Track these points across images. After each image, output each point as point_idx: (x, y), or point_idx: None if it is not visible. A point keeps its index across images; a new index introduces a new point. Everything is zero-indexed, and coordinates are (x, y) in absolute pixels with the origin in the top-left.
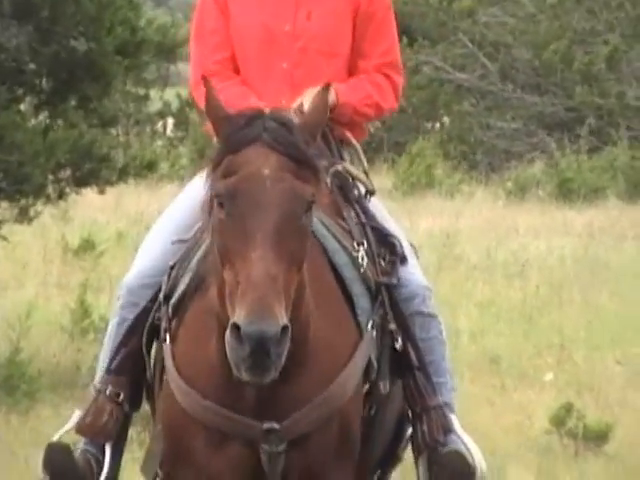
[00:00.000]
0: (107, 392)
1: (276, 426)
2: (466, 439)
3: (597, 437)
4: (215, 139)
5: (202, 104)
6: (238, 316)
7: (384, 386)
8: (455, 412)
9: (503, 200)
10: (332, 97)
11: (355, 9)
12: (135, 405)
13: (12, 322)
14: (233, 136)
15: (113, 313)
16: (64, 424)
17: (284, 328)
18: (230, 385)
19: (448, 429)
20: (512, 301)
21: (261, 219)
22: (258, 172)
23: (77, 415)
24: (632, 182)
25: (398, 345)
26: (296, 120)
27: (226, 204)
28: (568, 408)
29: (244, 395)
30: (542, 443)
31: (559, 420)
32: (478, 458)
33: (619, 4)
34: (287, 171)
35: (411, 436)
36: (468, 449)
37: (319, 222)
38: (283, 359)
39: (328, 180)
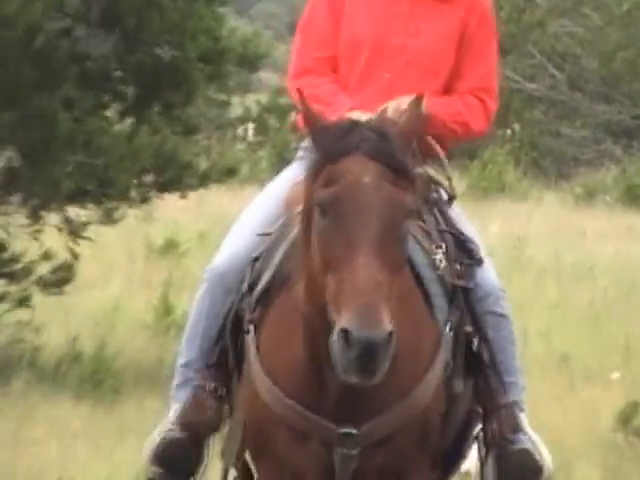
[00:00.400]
0: (207, 388)
1: (354, 431)
2: (535, 438)
3: None
4: (306, 138)
5: (294, 96)
6: (347, 322)
7: (458, 385)
8: (524, 411)
9: (571, 205)
10: (424, 108)
11: (462, 31)
12: None
13: (98, 319)
14: (332, 146)
15: (199, 297)
16: (148, 417)
17: (390, 334)
18: (313, 386)
19: (518, 427)
20: (580, 303)
21: (364, 227)
22: (359, 181)
23: (176, 410)
24: None
25: (475, 346)
26: (392, 130)
27: (329, 212)
28: (634, 406)
29: (326, 397)
30: (608, 440)
31: (625, 418)
32: (546, 456)
33: None
34: (386, 180)
35: (479, 434)
36: (536, 448)
37: None
38: (388, 363)
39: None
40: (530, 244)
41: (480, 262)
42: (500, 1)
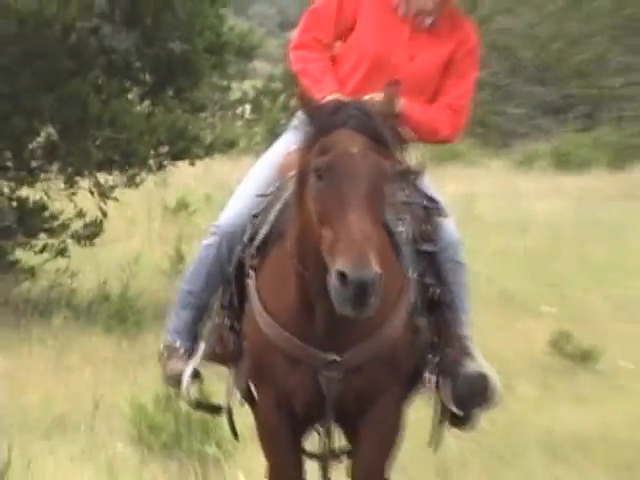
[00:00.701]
0: (225, 324)
1: (337, 358)
2: (483, 362)
3: (588, 357)
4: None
5: (293, 66)
6: (343, 265)
7: (421, 321)
8: (473, 343)
9: (513, 170)
10: (400, 104)
11: (450, 59)
12: None
13: (123, 267)
14: (324, 122)
15: (206, 245)
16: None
17: (379, 274)
18: (303, 321)
19: (470, 354)
20: (519, 249)
21: (355, 188)
22: (348, 150)
23: (201, 348)
24: (615, 154)
25: (435, 295)
26: (373, 109)
27: (324, 176)
28: (565, 334)
29: (314, 330)
30: (543, 362)
31: (557, 344)
32: (493, 377)
33: (604, 12)
34: (370, 149)
35: (437, 363)
36: (485, 370)
37: None
38: (378, 299)
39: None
40: (479, 202)
41: (445, 215)
42: None
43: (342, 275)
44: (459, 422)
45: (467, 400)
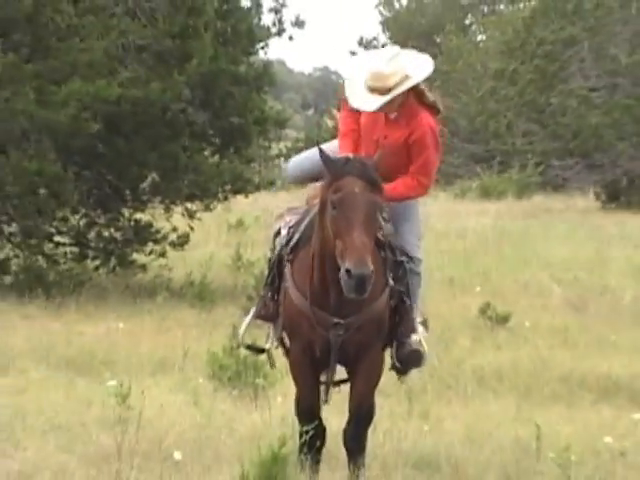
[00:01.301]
0: (269, 295)
1: (342, 321)
2: (422, 335)
3: (503, 319)
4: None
5: (340, 143)
6: (349, 265)
7: (393, 302)
8: (419, 322)
9: (454, 199)
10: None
11: (410, 140)
12: None
13: (202, 263)
14: (338, 171)
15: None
16: (230, 317)
17: (372, 271)
18: (322, 297)
19: (415, 330)
20: (459, 250)
21: (357, 215)
22: (353, 191)
23: (253, 309)
24: (519, 188)
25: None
26: (369, 163)
27: (337, 207)
28: (488, 305)
29: (328, 302)
30: (474, 323)
31: (484, 311)
32: (425, 351)
33: (512, 96)
34: (367, 190)
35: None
36: (422, 343)
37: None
38: (370, 286)
39: None
40: (433, 218)
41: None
42: None
43: (348, 271)
44: (399, 372)
45: (404, 362)
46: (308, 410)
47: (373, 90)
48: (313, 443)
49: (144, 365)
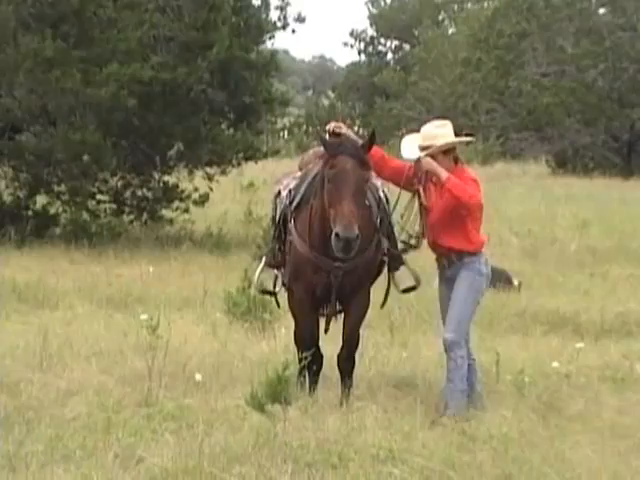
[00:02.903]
0: (276, 247)
1: (341, 265)
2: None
3: None
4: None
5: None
6: (338, 229)
7: (384, 248)
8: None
9: None
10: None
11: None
12: None
13: (218, 218)
14: (333, 151)
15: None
16: (243, 262)
17: (357, 235)
18: (323, 245)
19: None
20: None
21: (347, 188)
22: (345, 167)
23: (264, 260)
24: (484, 157)
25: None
26: (358, 144)
27: (331, 181)
28: None
29: (329, 250)
30: None
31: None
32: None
33: (477, 80)
34: (357, 167)
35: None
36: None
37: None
38: (357, 247)
39: None
40: None
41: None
42: None
43: (337, 235)
44: (405, 292)
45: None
46: (309, 339)
47: (422, 148)
48: (312, 367)
49: (171, 302)
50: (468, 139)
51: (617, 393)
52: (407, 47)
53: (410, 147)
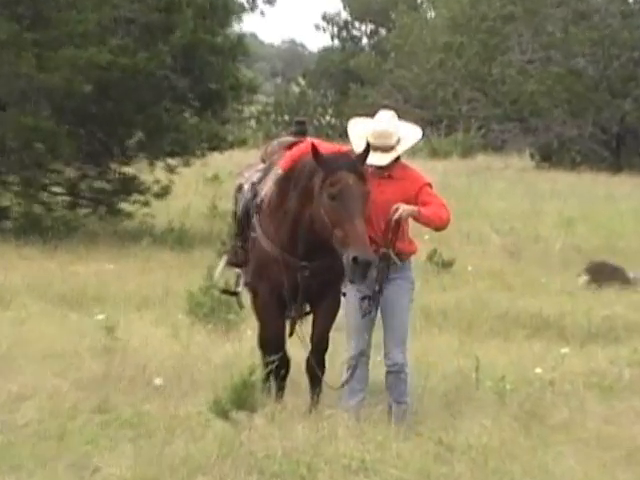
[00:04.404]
0: (238, 244)
1: (307, 264)
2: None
3: (448, 264)
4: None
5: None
6: (356, 252)
7: None
8: None
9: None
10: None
11: (405, 193)
12: None
13: (181, 211)
14: (331, 166)
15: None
16: (207, 259)
17: (375, 258)
18: (292, 245)
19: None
20: None
21: (355, 205)
22: (349, 183)
23: (224, 258)
24: (464, 149)
25: None
26: (355, 158)
27: (337, 198)
28: (435, 252)
29: (297, 250)
30: (424, 268)
31: (432, 257)
32: None
33: (459, 68)
34: (359, 182)
35: None
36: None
37: None
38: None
39: None
40: None
41: None
42: None
43: (355, 259)
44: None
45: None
46: (275, 343)
47: (375, 148)
48: (279, 372)
49: (130, 301)
50: (417, 137)
51: (604, 401)
52: (383, 32)
53: (360, 142)
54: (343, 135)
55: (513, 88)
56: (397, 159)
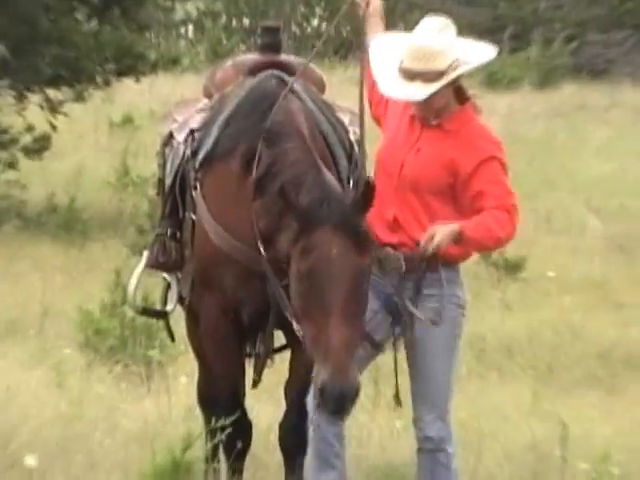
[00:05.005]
0: (168, 233)
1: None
2: None
3: (515, 267)
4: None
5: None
6: (325, 375)
7: None
8: None
9: None
10: (457, 230)
11: (455, 161)
12: None
13: (70, 179)
14: (306, 217)
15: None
16: (111, 255)
17: (357, 387)
18: (254, 235)
19: None
20: None
21: (335, 295)
22: (329, 255)
23: (146, 256)
24: (542, 74)
25: None
26: (350, 203)
27: (306, 279)
28: None
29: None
30: (473, 272)
31: (487, 255)
32: None
33: None
34: (349, 250)
35: None
36: None
37: (319, 110)
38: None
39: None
40: None
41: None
42: None
43: (322, 387)
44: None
45: None
46: (227, 396)
47: (414, 75)
48: (234, 444)
49: None
50: (487, 57)
51: None
52: None
53: (389, 73)
54: (343, 53)
55: None
56: (463, 98)
